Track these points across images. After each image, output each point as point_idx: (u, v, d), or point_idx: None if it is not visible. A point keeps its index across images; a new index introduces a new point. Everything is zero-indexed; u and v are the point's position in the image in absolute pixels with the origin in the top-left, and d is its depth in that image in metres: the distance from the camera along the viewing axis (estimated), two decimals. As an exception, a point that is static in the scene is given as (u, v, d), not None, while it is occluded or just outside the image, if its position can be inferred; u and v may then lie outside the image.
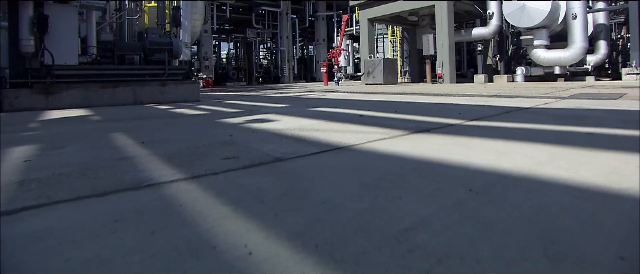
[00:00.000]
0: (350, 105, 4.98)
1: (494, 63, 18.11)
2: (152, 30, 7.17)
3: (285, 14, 28.99)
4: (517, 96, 6.39)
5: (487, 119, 3.22)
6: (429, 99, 5.95)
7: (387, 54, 25.55)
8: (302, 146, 2.11)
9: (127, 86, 6.21)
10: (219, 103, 6.10)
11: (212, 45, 28.63)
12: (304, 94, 8.52)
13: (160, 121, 3.50)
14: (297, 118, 3.47)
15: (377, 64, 16.08)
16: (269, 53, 33.34)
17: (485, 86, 11.37)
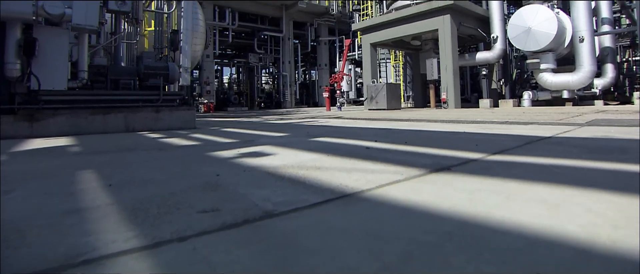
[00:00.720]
0: (354, 134, 4.61)
1: (498, 87, 17.88)
2: (147, 55, 6.91)
3: (287, 39, 29.09)
4: (530, 123, 6.02)
5: (511, 153, 2.83)
6: (438, 127, 5.59)
7: (390, 79, 25.42)
8: (301, 191, 1.72)
9: (119, 113, 5.88)
10: (215, 131, 5.75)
11: (214, 70, 28.67)
12: (306, 121, 8.18)
13: (144, 154, 3.13)
14: (297, 151, 3.10)
15: (380, 89, 15.83)
16: (271, 78, 33.34)
17: (492, 111, 11.02)
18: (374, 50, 19.14)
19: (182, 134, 5.22)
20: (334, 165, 2.38)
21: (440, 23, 15.32)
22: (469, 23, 16.16)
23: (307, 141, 3.89)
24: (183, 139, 4.54)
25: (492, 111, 10.87)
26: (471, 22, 16.36)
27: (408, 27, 16.69)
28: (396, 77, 25.40)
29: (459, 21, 15.48)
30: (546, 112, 9.60)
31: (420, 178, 1.96)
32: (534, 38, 12.93)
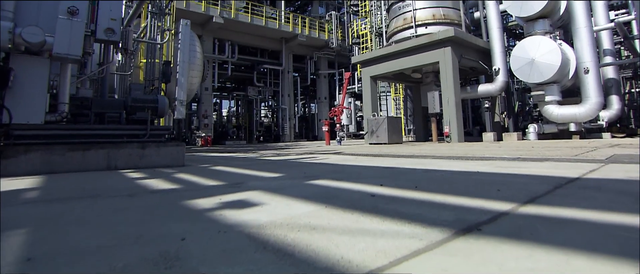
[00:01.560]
0: (356, 175, 4.12)
1: (501, 120, 17.55)
2: (136, 87, 6.52)
3: (287, 72, 29.07)
4: (544, 159, 5.55)
5: (545, 202, 2.34)
6: (447, 165, 5.10)
7: (391, 112, 25.14)
8: (287, 271, 1.23)
9: (101, 149, 5.41)
10: (203, 170, 5.26)
11: (213, 103, 28.49)
12: (304, 157, 7.70)
13: (107, 204, 2.64)
14: (290, 200, 2.60)
15: (381, 122, 15.45)
16: (270, 111, 33.13)
17: (499, 145, 10.57)
18: (374, 83, 18.93)
19: (165, 174, 4.74)
20: (333, 223, 1.88)
21: (441, 55, 15.15)
22: (470, 55, 16.01)
23: (303, 184, 3.39)
24: (164, 180, 4.05)
25: (498, 146, 10.41)
26: (472, 54, 16.21)
27: (408, 59, 16.53)
28: (397, 111, 25.13)
29: (460, 53, 15.32)
30: (556, 146, 9.15)
31: (445, 246, 1.46)
32: (537, 70, 12.67)
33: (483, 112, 21.84)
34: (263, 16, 25.97)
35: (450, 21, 16.93)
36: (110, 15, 6.43)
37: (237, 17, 24.65)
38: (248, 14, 25.27)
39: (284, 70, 28.91)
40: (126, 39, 6.54)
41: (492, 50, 15.87)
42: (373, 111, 17.82)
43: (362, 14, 27.82)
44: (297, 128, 30.83)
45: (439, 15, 17.07)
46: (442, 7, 17.22)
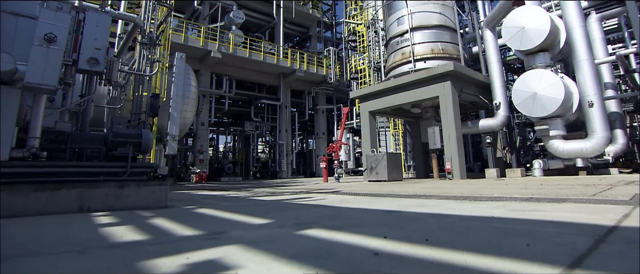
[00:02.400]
0: (355, 222, 3.59)
1: (504, 156, 17.11)
2: (118, 120, 6.07)
3: (284, 107, 28.86)
4: (562, 200, 5.03)
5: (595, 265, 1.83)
6: (456, 208, 4.57)
7: (390, 148, 24.73)
8: None
9: (73, 188, 4.89)
10: (184, 214, 4.73)
11: (209, 138, 28.07)
12: (299, 198, 7.15)
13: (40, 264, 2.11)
14: (273, 261, 2.08)
15: (380, 159, 14.97)
16: (267, 147, 32.68)
17: (505, 183, 10.04)
18: (372, 119, 18.60)
19: (140, 219, 4.19)
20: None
21: (440, 90, 14.88)
22: (469, 90, 15.76)
23: (293, 235, 2.86)
24: (134, 227, 3.51)
25: (504, 183, 9.88)
26: (472, 88, 15.97)
27: (408, 94, 16.26)
28: (396, 146, 24.73)
29: (459, 88, 15.07)
30: (567, 183, 8.63)
31: None
32: (540, 104, 12.35)
33: (484, 148, 21.45)
34: (261, 51, 26.02)
35: (449, 56, 16.80)
36: (95, 44, 6.07)
37: (235, 51, 24.66)
38: (246, 49, 25.32)
39: (281, 105, 28.71)
40: (111, 69, 6.15)
41: (492, 84, 15.64)
42: (372, 147, 17.38)
43: (360, 49, 27.95)
44: (294, 164, 30.27)
45: (438, 50, 16.97)
46: (441, 41, 17.15)
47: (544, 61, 13.02)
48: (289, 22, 31.56)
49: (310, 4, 32.85)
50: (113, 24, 11.84)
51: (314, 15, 32.99)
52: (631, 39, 18.14)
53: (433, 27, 17.41)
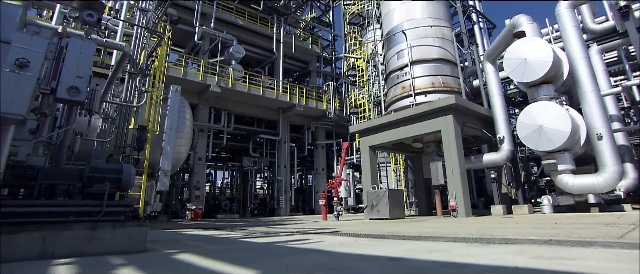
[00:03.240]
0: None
1: (509, 191, 16.51)
2: (97, 154, 5.58)
3: (283, 142, 28.43)
4: (587, 242, 4.45)
5: None
6: (469, 254, 4.00)
7: (391, 184, 24.11)
8: None
9: (36, 231, 4.34)
10: (161, 260, 4.16)
11: (206, 173, 27.49)
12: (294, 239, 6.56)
13: None
14: None
15: (381, 196, 14.38)
16: (265, 183, 32.00)
17: (516, 222, 9.43)
18: (373, 154, 18.12)
19: (105, 268, 3.63)
20: None
21: (442, 124, 14.49)
22: (472, 123, 15.36)
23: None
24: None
25: (515, 222, 9.27)
26: (474, 122, 15.58)
27: (409, 128, 15.87)
28: (397, 182, 24.10)
29: (462, 121, 14.68)
30: (583, 222, 8.02)
31: None
32: (547, 137, 11.89)
33: (488, 183, 20.83)
34: (260, 86, 25.90)
35: (450, 89, 16.54)
36: (77, 72, 5.69)
37: (234, 86, 24.51)
38: (245, 84, 25.20)
39: (280, 140, 28.29)
40: (92, 99, 5.73)
41: (495, 117, 15.27)
42: (373, 183, 16.80)
43: (360, 84, 27.87)
44: (293, 201, 29.48)
45: (438, 84, 16.73)
46: (441, 74, 16.94)
47: (548, 93, 12.68)
48: (289, 57, 31.69)
49: (310, 40, 33.15)
50: (108, 56, 11.60)
51: (314, 51, 33.21)
52: (632, 71, 17.97)
53: (433, 61, 17.26)
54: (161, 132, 12.35)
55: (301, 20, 34.57)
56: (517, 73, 12.98)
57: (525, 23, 13.60)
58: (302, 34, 33.53)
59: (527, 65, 12.63)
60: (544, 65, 12.27)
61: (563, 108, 11.88)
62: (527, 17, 13.82)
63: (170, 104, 12.59)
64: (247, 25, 28.38)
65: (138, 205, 11.39)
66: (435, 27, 17.80)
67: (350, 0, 30.19)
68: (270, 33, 29.24)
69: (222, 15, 27.12)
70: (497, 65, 16.35)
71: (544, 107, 12.12)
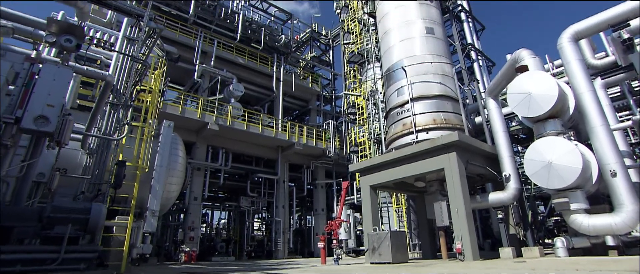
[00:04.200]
0: None
1: (517, 232, 15.67)
2: (64, 191, 4.99)
3: (282, 181, 27.72)
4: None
5: None
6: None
7: (393, 225, 23.17)
8: None
9: (-25, 282, 3.68)
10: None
11: (202, 214, 26.60)
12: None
13: None
14: None
15: (383, 238, 13.57)
16: (263, 223, 30.98)
17: (531, 267, 8.63)
18: (374, 194, 17.39)
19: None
20: None
21: (446, 162, 13.90)
22: (476, 161, 14.76)
23: None
24: None
25: (530, 268, 8.47)
26: (479, 160, 14.99)
27: (411, 167, 15.25)
28: (399, 224, 23.16)
29: (466, 159, 14.09)
30: (609, 268, 7.24)
31: None
32: (557, 174, 11.23)
33: (495, 223, 19.91)
34: (259, 124, 25.55)
35: (453, 126, 16.06)
36: (48, 100, 5.22)
37: (232, 124, 24.17)
38: (244, 122, 24.86)
39: (279, 179, 27.59)
40: (63, 129, 5.21)
41: (500, 155, 14.68)
42: (374, 225, 15.97)
43: (360, 121, 27.52)
44: (291, 243, 28.33)
45: (440, 120, 16.28)
46: (443, 111, 16.52)
47: (555, 128, 12.16)
48: (289, 95, 31.62)
49: (310, 79, 33.22)
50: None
51: (314, 89, 33.19)
52: (637, 106, 17.53)
53: (434, 97, 16.91)
54: (151, 169, 11.76)
55: (301, 59, 34.86)
56: (522, 108, 12.54)
57: (527, 57, 13.32)
58: (302, 73, 33.66)
59: (532, 100, 12.20)
60: (550, 100, 11.84)
61: (572, 143, 11.32)
62: (529, 52, 13.56)
63: (161, 140, 12.08)
64: (247, 64, 28.47)
65: (122, 248, 10.62)
66: (436, 64, 17.59)
67: (349, 39, 30.42)
68: (270, 72, 29.30)
69: (223, 53, 27.28)
70: (499, 102, 15.97)
71: (552, 143, 11.56)
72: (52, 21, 5.52)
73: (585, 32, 12.29)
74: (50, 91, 5.24)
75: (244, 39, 28.52)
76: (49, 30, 5.67)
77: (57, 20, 5.54)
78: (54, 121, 5.12)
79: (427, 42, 18.28)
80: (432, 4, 19.71)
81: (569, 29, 12.34)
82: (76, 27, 5.63)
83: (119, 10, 7.27)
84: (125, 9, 7.16)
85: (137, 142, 11.47)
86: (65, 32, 5.58)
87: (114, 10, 7.38)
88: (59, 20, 5.58)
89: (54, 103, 5.24)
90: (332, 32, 37.37)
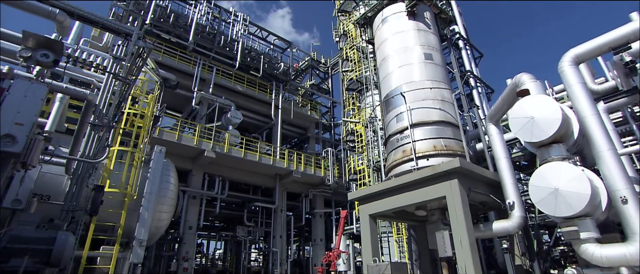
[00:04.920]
0: None
1: (524, 263, 14.99)
2: (27, 219, 4.52)
3: (280, 210, 27.03)
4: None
5: None
6: None
7: (394, 256, 22.38)
8: None
9: None
10: None
11: (197, 243, 25.80)
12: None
13: None
14: None
15: (383, 269, 12.99)
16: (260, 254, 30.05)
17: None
18: (373, 223, 16.82)
19: None
20: None
21: (447, 189, 13.43)
22: (478, 188, 14.27)
23: None
24: None
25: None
26: (481, 187, 14.50)
27: (411, 195, 14.77)
28: (400, 254, 22.37)
29: (468, 187, 13.62)
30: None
31: None
32: (564, 201, 10.71)
33: (499, 254, 19.17)
34: (257, 152, 25.13)
35: (453, 152, 15.65)
36: (17, 118, 4.84)
37: (230, 151, 23.76)
38: (242, 149, 24.46)
39: (276, 208, 26.91)
40: (30, 151, 4.80)
41: (503, 182, 14.20)
42: (374, 255, 15.32)
43: (359, 149, 27.11)
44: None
45: (441, 147, 15.89)
46: (443, 137, 16.16)
47: (560, 153, 11.73)
48: (288, 123, 31.37)
49: (309, 106, 33.07)
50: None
51: (313, 117, 32.96)
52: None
53: (434, 123, 16.59)
54: (140, 196, 11.27)
55: (300, 87, 34.84)
56: (525, 132, 12.16)
57: (528, 81, 13.06)
58: (301, 101, 33.55)
59: (534, 124, 11.84)
60: (553, 124, 11.47)
61: (579, 168, 10.86)
62: (529, 75, 13.32)
63: (152, 166, 11.64)
64: (245, 91, 28.35)
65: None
66: (435, 89, 17.38)
67: (348, 67, 30.46)
68: (268, 99, 29.15)
69: (221, 81, 27.19)
70: (500, 127, 15.62)
71: (557, 168, 11.10)
72: (29, 35, 5.23)
73: (586, 55, 12.05)
74: (20, 108, 4.87)
75: (243, 67, 28.54)
76: (25, 44, 5.37)
77: (34, 34, 5.25)
78: (21, 140, 4.73)
79: (425, 68, 18.13)
80: (430, 30, 19.72)
81: (569, 52, 12.12)
82: (55, 41, 5.33)
83: (106, 28, 7.04)
84: (113, 27, 6.92)
85: (126, 168, 11.04)
86: (43, 46, 5.27)
87: (101, 28, 7.16)
88: (37, 34, 5.27)
89: (24, 121, 4.86)
90: (331, 61, 37.55)
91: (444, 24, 21.87)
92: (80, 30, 13.40)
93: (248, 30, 30.98)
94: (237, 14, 29.94)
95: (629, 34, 11.09)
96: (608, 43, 11.52)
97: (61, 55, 5.49)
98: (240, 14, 30.09)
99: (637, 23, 10.96)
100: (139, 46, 6.90)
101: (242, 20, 29.78)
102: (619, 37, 11.27)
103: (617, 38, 11.32)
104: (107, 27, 7.03)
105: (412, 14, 19.59)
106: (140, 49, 6.95)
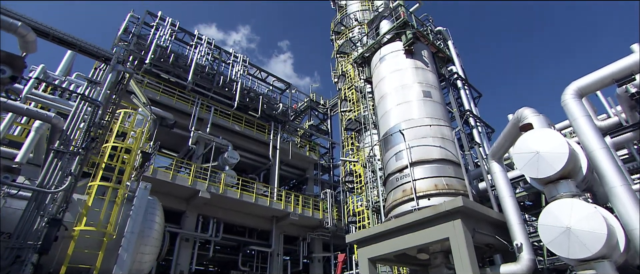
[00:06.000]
0: None
1: (537, 312, 13.81)
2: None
3: (276, 255, 25.84)
4: None
5: None
6: None
7: (396, 302, 21.04)
8: None
9: None
10: None
11: (188, 291, 24.37)
12: None
13: None
14: None
15: (383, 315, 11.86)
16: (255, 301, 28.39)
17: None
18: (373, 268, 15.78)
19: None
20: None
21: (450, 230, 12.59)
22: (483, 229, 13.41)
23: None
24: None
25: None
26: (486, 228, 13.64)
27: (412, 237, 13.88)
28: (403, 301, 21.04)
29: (472, 227, 12.78)
30: None
31: None
32: (578, 241, 9.88)
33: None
34: (253, 193, 24.39)
35: (456, 191, 14.94)
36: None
37: (225, 192, 23.05)
38: (237, 190, 23.74)
39: (273, 252, 25.74)
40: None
41: (509, 222, 13.36)
42: (374, 302, 14.23)
43: (357, 190, 26.33)
44: (285, 323, 25.78)
45: (442, 186, 15.20)
46: (445, 176, 15.50)
47: (569, 190, 11.02)
48: (286, 164, 30.81)
49: (307, 147, 32.62)
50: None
51: (311, 158, 32.43)
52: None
53: (434, 161, 15.99)
54: (120, 236, 10.51)
55: (299, 128, 34.57)
56: (530, 168, 11.53)
57: (530, 115, 12.60)
58: (300, 141, 33.15)
59: (540, 159, 11.24)
60: (561, 158, 10.87)
61: (591, 206, 10.13)
62: (531, 110, 12.89)
63: (136, 203, 10.96)
64: (243, 131, 28.03)
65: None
66: (435, 127, 16.93)
67: (347, 107, 30.30)
68: (266, 139, 28.77)
69: (219, 120, 26.95)
70: (503, 165, 14.98)
71: (568, 205, 10.36)
72: (-12, 49, 4.85)
73: (589, 88, 11.66)
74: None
75: (241, 107, 28.41)
76: (-18, 59, 4.96)
77: (-7, 48, 4.85)
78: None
79: (424, 105, 17.80)
80: (429, 68, 19.60)
81: (572, 84, 11.74)
82: (15, 57, 4.90)
83: (83, 51, 6.69)
84: (91, 51, 6.57)
85: (106, 205, 10.36)
86: (1, 62, 4.84)
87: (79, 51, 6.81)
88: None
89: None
90: (330, 102, 37.58)
91: (441, 63, 21.84)
92: (72, 59, 13.18)
93: (247, 71, 31.17)
94: (237, 55, 30.25)
95: (632, 65, 10.76)
96: (611, 75, 11.16)
97: (20, 72, 5.04)
98: (240, 55, 30.40)
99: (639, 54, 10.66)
100: (119, 71, 6.50)
101: (241, 61, 30.03)
102: (623, 69, 10.92)
103: (621, 69, 10.97)
104: (85, 50, 6.69)
105: (410, 52, 19.56)
106: (120, 75, 6.55)
